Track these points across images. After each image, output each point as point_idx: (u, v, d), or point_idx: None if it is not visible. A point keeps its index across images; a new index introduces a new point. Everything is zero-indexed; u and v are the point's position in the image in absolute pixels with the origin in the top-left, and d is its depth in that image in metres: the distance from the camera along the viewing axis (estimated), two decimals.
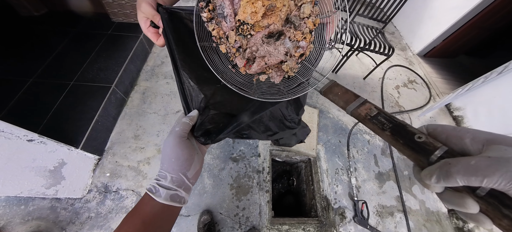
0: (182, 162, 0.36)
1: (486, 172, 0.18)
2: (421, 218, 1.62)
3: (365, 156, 1.79)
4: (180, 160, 0.36)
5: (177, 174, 0.36)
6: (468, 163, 0.19)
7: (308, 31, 0.41)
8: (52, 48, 1.50)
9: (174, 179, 0.35)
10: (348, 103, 0.33)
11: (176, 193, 0.35)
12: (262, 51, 0.40)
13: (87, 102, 1.29)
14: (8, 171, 0.85)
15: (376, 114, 0.28)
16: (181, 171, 0.36)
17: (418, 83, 2.56)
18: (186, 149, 0.37)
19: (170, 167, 0.36)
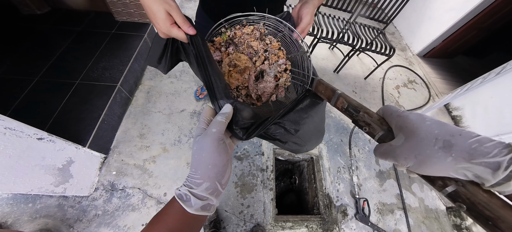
0: (219, 168, 0.33)
1: (384, 156, 0.26)
2: (420, 215, 1.66)
3: (366, 155, 1.82)
4: (217, 167, 0.33)
5: (213, 182, 0.32)
6: (379, 148, 0.28)
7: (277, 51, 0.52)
8: (56, 47, 1.49)
9: (209, 187, 0.32)
10: (330, 99, 0.38)
11: (207, 202, 0.32)
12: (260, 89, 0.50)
13: (93, 101, 1.29)
14: (19, 169, 0.86)
15: (347, 106, 0.34)
16: (217, 178, 0.33)
17: (417, 83, 2.60)
18: (224, 153, 0.34)
19: (206, 174, 0.32)
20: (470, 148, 0.20)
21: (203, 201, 0.31)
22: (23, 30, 1.60)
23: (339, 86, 2.24)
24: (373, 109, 0.30)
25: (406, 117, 0.25)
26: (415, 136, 0.23)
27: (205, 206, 0.31)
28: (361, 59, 2.62)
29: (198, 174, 0.32)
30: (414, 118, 0.25)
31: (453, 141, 0.21)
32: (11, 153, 0.81)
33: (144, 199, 1.27)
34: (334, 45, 2.48)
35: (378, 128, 0.29)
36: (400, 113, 0.27)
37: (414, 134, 0.23)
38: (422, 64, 2.81)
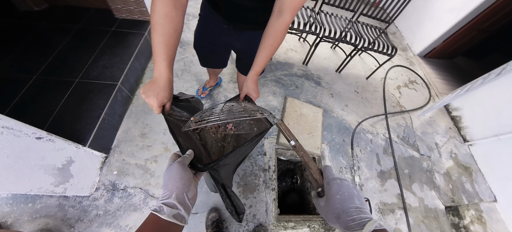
0: (185, 181, 0.42)
1: (315, 205, 0.44)
2: (420, 215, 1.67)
3: (368, 155, 1.83)
4: (183, 180, 0.42)
5: (181, 192, 0.41)
6: (315, 200, 0.44)
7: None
8: (54, 45, 1.46)
9: (178, 197, 0.40)
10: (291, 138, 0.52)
11: (178, 212, 0.38)
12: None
13: (93, 100, 1.27)
14: (18, 169, 0.84)
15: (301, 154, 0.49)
16: (184, 190, 0.41)
17: (418, 83, 2.61)
18: (188, 172, 0.45)
19: (174, 186, 0.41)
20: (346, 224, 0.35)
21: (174, 210, 0.38)
22: (20, 27, 1.56)
23: (341, 87, 2.24)
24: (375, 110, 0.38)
25: (330, 187, 0.41)
26: (328, 205, 0.39)
27: (176, 215, 0.38)
28: (363, 59, 2.62)
29: (168, 189, 0.41)
30: (333, 190, 0.40)
31: (341, 216, 0.36)
32: (9, 152, 0.79)
33: (146, 199, 1.25)
34: (336, 45, 2.48)
35: (316, 186, 0.47)
36: (329, 180, 0.43)
37: (328, 203, 0.39)
38: (423, 65, 2.82)
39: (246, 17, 0.79)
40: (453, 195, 1.85)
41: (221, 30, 0.87)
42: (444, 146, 2.14)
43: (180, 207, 0.39)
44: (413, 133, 2.13)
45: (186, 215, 0.40)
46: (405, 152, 1.97)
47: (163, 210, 0.37)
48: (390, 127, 2.08)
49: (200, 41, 0.99)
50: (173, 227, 0.37)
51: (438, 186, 1.86)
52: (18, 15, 1.60)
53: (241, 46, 0.93)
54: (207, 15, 0.86)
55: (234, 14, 0.78)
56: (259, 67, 0.72)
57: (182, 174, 0.43)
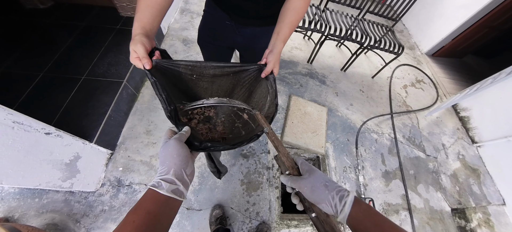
0: (182, 158, 0.42)
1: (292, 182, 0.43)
2: (425, 216, 1.65)
3: (373, 155, 1.80)
4: (181, 156, 0.42)
5: (179, 168, 0.40)
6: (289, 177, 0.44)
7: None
8: (60, 42, 1.47)
9: (176, 173, 0.40)
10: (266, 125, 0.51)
11: (177, 187, 0.38)
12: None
13: (99, 97, 1.28)
14: (28, 163, 0.86)
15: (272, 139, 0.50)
16: (182, 166, 0.41)
17: (425, 83, 2.56)
18: (185, 149, 0.44)
19: (172, 162, 0.40)
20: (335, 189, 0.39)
21: (172, 185, 0.38)
22: (27, 25, 1.58)
23: (346, 85, 2.21)
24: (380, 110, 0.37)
25: (309, 167, 0.44)
26: (314, 176, 0.41)
27: (175, 190, 0.38)
28: (369, 57, 2.58)
29: (166, 165, 0.40)
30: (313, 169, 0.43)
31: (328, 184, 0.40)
32: (20, 147, 0.81)
33: None
34: (342, 43, 2.44)
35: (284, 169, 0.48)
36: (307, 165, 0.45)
37: (314, 176, 0.41)
38: (431, 64, 2.76)
39: (249, 12, 0.78)
40: (460, 197, 1.82)
41: (224, 26, 0.86)
42: (452, 147, 2.10)
43: (178, 183, 0.39)
44: (420, 133, 2.10)
45: (185, 190, 0.40)
46: (411, 152, 1.94)
47: (162, 185, 0.37)
48: (396, 126, 2.05)
49: (204, 37, 0.99)
50: (171, 201, 0.37)
51: (444, 187, 1.82)
52: (24, 12, 1.62)
53: (243, 42, 0.93)
54: (211, 11, 0.86)
55: (237, 9, 0.78)
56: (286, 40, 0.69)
57: (180, 151, 0.42)
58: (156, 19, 0.58)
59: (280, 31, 0.67)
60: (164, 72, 0.54)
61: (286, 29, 0.67)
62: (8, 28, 1.54)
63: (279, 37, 0.67)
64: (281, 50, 0.67)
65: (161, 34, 1.96)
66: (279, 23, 0.69)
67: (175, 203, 0.38)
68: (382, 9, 2.00)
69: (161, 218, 0.36)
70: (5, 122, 0.75)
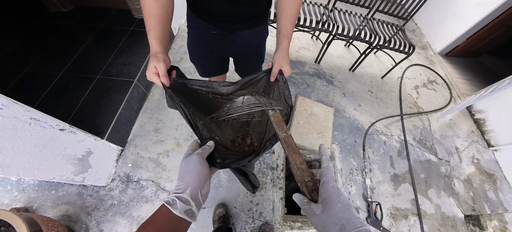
0: (201, 177, 0.41)
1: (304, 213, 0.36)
2: (436, 223, 1.59)
3: (381, 157, 1.76)
4: (200, 175, 0.41)
5: (196, 188, 0.39)
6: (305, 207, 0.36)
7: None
8: (79, 43, 1.56)
9: (193, 193, 0.39)
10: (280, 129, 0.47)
11: (190, 208, 0.38)
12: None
13: (112, 96, 1.34)
14: (43, 157, 0.91)
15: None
16: (199, 186, 0.40)
17: (438, 83, 2.47)
18: (206, 168, 0.43)
19: (190, 181, 0.39)
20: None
21: (186, 205, 0.37)
22: (50, 27, 1.69)
23: (355, 86, 2.18)
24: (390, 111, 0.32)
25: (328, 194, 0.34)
26: (328, 213, 0.32)
27: (188, 211, 0.37)
28: (379, 57, 2.52)
29: (184, 182, 0.39)
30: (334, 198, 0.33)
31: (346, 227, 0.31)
32: (36, 142, 0.86)
33: (157, 191, 1.30)
34: (351, 43, 2.40)
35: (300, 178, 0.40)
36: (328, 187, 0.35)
37: (328, 211, 0.32)
38: (444, 64, 2.66)
39: (233, 16, 0.76)
40: (474, 203, 1.74)
41: (212, 37, 0.83)
42: (466, 151, 2.01)
43: (192, 203, 0.37)
44: (431, 135, 2.02)
45: (197, 212, 0.39)
46: (422, 155, 1.88)
47: (176, 204, 0.36)
48: (406, 128, 1.99)
49: (196, 52, 0.96)
50: (182, 222, 0.37)
51: (457, 193, 1.75)
52: (48, 15, 1.73)
53: (235, 49, 0.90)
54: (195, 25, 0.84)
55: (221, 16, 0.75)
56: (290, 35, 0.67)
57: (200, 169, 0.41)
58: (168, 33, 0.60)
59: (281, 28, 0.66)
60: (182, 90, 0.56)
61: (287, 24, 0.65)
62: (34, 30, 1.64)
63: (281, 34, 0.65)
64: (287, 47, 0.65)
65: (171, 36, 2.01)
66: (279, 20, 0.68)
67: (186, 224, 0.38)
68: (392, 7, 1.96)
69: None
70: (23, 118, 0.80)
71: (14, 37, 1.59)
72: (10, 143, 0.78)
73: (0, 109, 0.74)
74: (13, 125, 0.78)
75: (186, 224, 0.38)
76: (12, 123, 0.78)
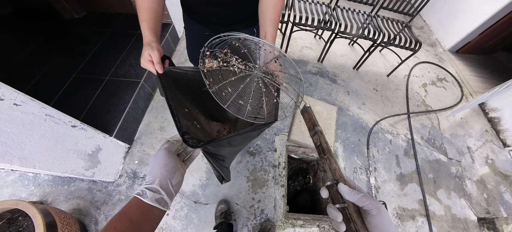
0: (169, 168, 0.43)
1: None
2: (445, 224, 1.53)
3: (386, 156, 1.73)
4: (167, 166, 0.43)
5: (165, 179, 0.41)
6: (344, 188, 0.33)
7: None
8: (91, 46, 1.66)
9: (162, 183, 0.41)
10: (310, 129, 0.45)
11: (161, 196, 0.39)
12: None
13: (120, 96, 1.41)
14: (57, 151, 0.98)
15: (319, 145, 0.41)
16: (168, 176, 0.42)
17: (448, 81, 2.39)
18: (173, 160, 0.45)
19: (158, 172, 0.42)
20: None
21: (156, 194, 0.39)
22: (65, 32, 1.81)
23: (359, 84, 2.15)
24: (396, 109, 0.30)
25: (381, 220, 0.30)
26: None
27: (159, 199, 0.39)
28: (384, 55, 2.48)
29: (152, 175, 0.42)
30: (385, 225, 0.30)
31: None
32: (50, 137, 0.93)
33: None
34: (355, 41, 2.38)
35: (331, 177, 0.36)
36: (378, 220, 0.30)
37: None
38: (454, 61, 2.56)
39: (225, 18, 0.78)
40: (488, 205, 1.66)
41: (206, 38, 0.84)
42: (479, 151, 1.93)
43: (163, 193, 0.39)
44: (441, 134, 1.96)
45: (169, 200, 0.41)
46: (430, 155, 1.82)
47: (146, 194, 0.38)
48: (413, 127, 1.93)
49: (192, 53, 1.01)
50: (155, 210, 0.38)
51: (469, 194, 1.68)
52: (62, 21, 1.86)
53: None
54: (191, 27, 0.88)
55: (213, 18, 0.78)
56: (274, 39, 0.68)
57: (167, 161, 0.43)
58: (160, 24, 0.65)
59: (266, 32, 0.67)
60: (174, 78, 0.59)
61: (271, 28, 0.66)
62: (49, 36, 1.77)
63: (267, 38, 0.67)
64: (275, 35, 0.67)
65: (176, 38, 2.08)
66: (263, 24, 0.68)
67: (159, 213, 0.39)
68: (397, 4, 1.92)
69: (143, 226, 0.37)
70: (39, 115, 0.87)
71: (31, 41, 1.72)
72: (27, 137, 0.85)
73: (20, 105, 0.81)
74: (31, 120, 0.85)
75: (159, 213, 0.39)
76: (30, 119, 0.85)
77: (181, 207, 1.31)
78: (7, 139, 0.78)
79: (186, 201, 1.33)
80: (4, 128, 0.77)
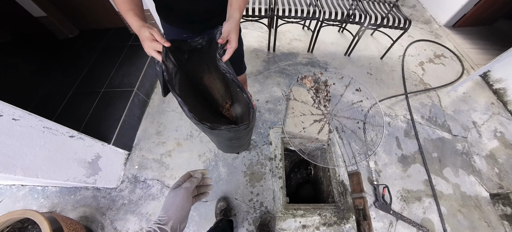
0: (184, 212, 0.44)
1: None
2: (455, 203, 1.48)
3: (386, 139, 1.69)
4: (184, 211, 0.43)
5: (177, 222, 0.42)
6: None
7: None
8: (86, 62, 1.76)
9: (173, 226, 0.41)
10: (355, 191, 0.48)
11: None
12: None
13: (115, 105, 1.48)
14: (57, 161, 1.04)
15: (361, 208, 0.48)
16: (180, 220, 0.43)
17: (447, 57, 2.31)
18: (190, 203, 0.45)
19: (173, 214, 0.42)
20: None
21: None
22: (61, 51, 1.92)
23: (351, 70, 2.13)
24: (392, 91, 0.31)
25: None
26: None
27: None
28: (376, 38, 2.44)
29: (167, 215, 0.42)
30: None
31: None
32: (50, 147, 0.99)
33: (162, 189, 1.39)
34: (343, 28, 2.36)
35: None
36: None
37: None
38: (451, 36, 2.48)
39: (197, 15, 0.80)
40: (500, 180, 1.59)
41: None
42: (485, 124, 1.85)
43: None
44: (442, 112, 1.90)
45: None
46: (433, 133, 1.77)
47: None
48: (413, 107, 1.89)
49: None
50: None
51: (479, 170, 1.61)
52: (58, 42, 1.98)
53: None
54: (169, 33, 0.91)
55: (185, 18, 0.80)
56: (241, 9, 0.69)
57: (184, 205, 0.44)
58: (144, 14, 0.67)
59: (232, 2, 0.68)
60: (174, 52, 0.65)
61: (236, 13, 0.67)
62: (47, 57, 1.88)
63: (233, 7, 0.67)
64: (238, 19, 0.67)
65: None
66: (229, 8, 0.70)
67: None
68: None
69: None
70: (37, 127, 0.94)
71: (31, 63, 1.85)
72: (28, 148, 0.91)
73: (18, 120, 0.87)
74: (29, 133, 0.91)
75: None
76: (29, 131, 0.91)
77: None
78: (8, 150, 0.85)
79: None
80: (5, 141, 0.83)
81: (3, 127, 0.83)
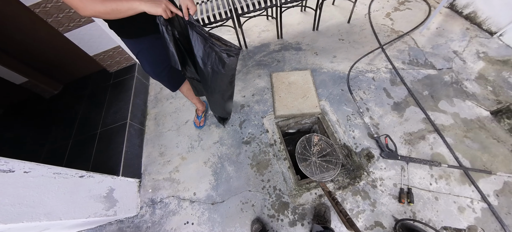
0: None
1: None
2: (459, 131, 1.51)
3: (374, 93, 1.74)
4: None
5: None
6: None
7: None
8: (77, 111, 1.86)
9: None
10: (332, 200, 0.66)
11: None
12: None
13: (115, 140, 1.56)
14: (75, 201, 1.10)
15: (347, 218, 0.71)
16: None
17: (410, 1, 2.39)
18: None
19: None
20: None
21: None
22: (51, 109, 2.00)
23: (324, 41, 2.19)
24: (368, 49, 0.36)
25: None
26: None
27: None
28: (339, 5, 2.52)
29: None
30: None
31: None
32: (64, 190, 1.06)
33: (179, 203, 1.45)
34: (305, 5, 2.43)
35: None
36: None
37: None
38: None
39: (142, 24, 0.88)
40: (497, 96, 1.62)
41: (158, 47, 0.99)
42: (466, 50, 1.90)
43: None
44: (421, 51, 1.95)
45: None
46: (418, 74, 1.82)
47: None
48: (391, 56, 1.95)
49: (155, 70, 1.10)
50: None
51: (472, 93, 1.65)
52: (46, 102, 2.06)
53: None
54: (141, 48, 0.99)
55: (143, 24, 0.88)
56: None
57: None
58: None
59: None
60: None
61: None
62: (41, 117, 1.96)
63: None
64: None
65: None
66: None
67: None
68: None
69: None
70: (48, 175, 1.01)
71: (27, 127, 1.93)
72: (45, 195, 0.99)
73: (29, 172, 0.95)
74: (42, 181, 0.99)
75: None
76: (41, 180, 0.99)
77: (202, 213, 1.39)
78: (28, 201, 0.92)
79: (205, 206, 1.41)
80: (23, 193, 0.91)
81: (18, 181, 0.90)
